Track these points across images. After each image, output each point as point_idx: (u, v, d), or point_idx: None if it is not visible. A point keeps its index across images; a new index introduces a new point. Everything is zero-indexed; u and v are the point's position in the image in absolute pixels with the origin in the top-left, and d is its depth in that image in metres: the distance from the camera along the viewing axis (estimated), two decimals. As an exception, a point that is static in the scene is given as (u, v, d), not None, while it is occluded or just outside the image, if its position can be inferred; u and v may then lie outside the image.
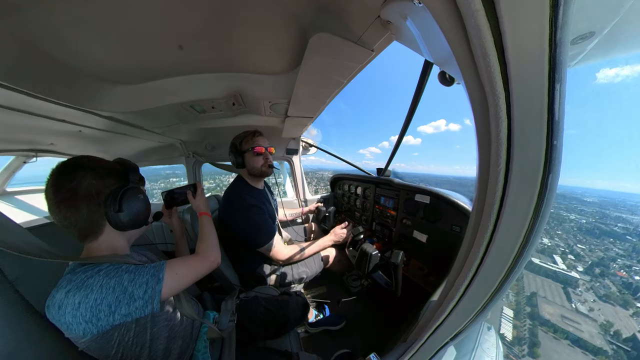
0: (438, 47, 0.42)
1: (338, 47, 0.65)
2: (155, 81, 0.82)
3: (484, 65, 0.29)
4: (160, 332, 0.56)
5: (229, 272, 1.09)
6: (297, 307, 0.95)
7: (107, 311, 0.44)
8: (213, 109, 1.16)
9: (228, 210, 1.08)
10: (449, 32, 0.32)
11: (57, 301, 0.43)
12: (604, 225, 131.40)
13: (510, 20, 0.23)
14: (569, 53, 0.23)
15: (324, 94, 1.02)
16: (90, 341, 0.45)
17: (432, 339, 0.54)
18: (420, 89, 1.00)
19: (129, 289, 0.46)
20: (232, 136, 1.18)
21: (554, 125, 0.26)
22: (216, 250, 0.73)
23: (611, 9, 0.31)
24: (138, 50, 0.65)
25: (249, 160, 1.11)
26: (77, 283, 0.44)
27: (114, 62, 0.68)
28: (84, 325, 0.43)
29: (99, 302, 0.43)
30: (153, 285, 0.49)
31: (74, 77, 0.68)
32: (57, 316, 0.43)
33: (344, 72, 0.81)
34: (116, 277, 0.46)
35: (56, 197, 0.46)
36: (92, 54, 0.62)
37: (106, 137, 1.30)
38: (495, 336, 0.80)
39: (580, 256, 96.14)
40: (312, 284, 1.60)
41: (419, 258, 1.07)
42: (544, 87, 0.25)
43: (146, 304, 0.48)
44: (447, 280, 0.51)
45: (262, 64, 0.83)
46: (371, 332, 1.26)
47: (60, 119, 0.93)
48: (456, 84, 0.59)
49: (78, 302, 0.42)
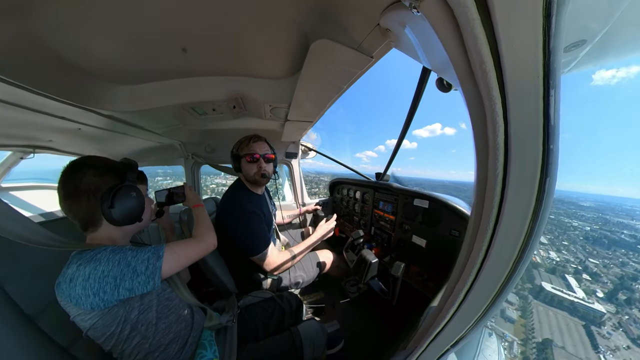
0: (436, 55, 0.44)
1: (338, 53, 0.66)
2: (157, 82, 0.83)
3: (481, 72, 0.29)
4: (164, 312, 0.59)
5: (225, 276, 1.07)
6: (291, 300, 1.01)
7: (113, 284, 0.48)
8: (214, 111, 1.16)
9: (225, 215, 1.07)
10: (446, 40, 0.33)
11: (69, 275, 0.47)
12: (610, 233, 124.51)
13: (505, 29, 0.24)
14: (562, 60, 0.24)
15: (324, 99, 1.03)
16: (97, 316, 0.48)
17: (432, 346, 0.53)
18: (419, 95, 1.02)
19: (132, 264, 0.51)
20: (231, 139, 1.18)
21: (550, 130, 0.27)
22: (212, 233, 0.77)
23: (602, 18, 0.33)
24: (142, 51, 0.66)
25: (244, 167, 1.09)
26: (87, 257, 0.49)
27: (117, 62, 0.69)
28: (92, 298, 0.46)
29: (106, 274, 0.48)
30: (154, 262, 0.54)
31: (76, 75, 0.69)
32: (68, 290, 0.47)
33: (343, 78, 0.83)
34: (121, 253, 0.51)
35: (63, 190, 0.52)
36: (95, 53, 0.63)
37: (105, 135, 1.30)
38: (496, 342, 0.79)
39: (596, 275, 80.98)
40: (309, 289, 1.57)
41: (418, 263, 1.06)
42: (540, 92, 0.26)
43: (148, 279, 0.52)
44: (447, 286, 0.50)
45: (263, 68, 0.84)
46: (369, 339, 1.23)
47: (60, 116, 0.93)
48: (453, 90, 0.61)
49: (88, 273, 0.47)
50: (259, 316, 0.90)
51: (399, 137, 1.35)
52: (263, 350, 0.76)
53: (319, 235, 1.23)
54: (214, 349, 0.67)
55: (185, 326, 0.65)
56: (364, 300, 1.43)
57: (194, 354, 0.64)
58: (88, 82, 0.73)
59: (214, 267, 1.02)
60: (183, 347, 0.63)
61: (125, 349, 0.53)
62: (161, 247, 0.58)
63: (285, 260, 1.09)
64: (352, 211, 1.71)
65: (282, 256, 1.10)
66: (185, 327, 0.65)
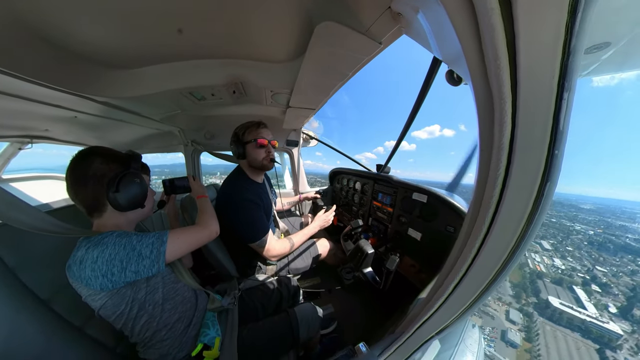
0: (448, 45, 0.41)
1: (345, 38, 0.62)
2: (152, 66, 0.80)
3: (494, 67, 0.28)
4: (170, 294, 0.63)
5: (226, 261, 1.11)
6: (289, 284, 1.07)
7: (120, 267, 0.51)
8: (213, 96, 1.13)
9: (224, 202, 1.08)
10: (461, 30, 0.31)
11: (79, 257, 0.50)
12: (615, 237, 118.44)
13: (525, 22, 0.22)
14: (581, 62, 0.22)
15: (328, 86, 0.99)
16: (106, 297, 0.51)
17: (418, 332, 0.56)
18: (427, 86, 0.98)
19: (137, 248, 0.54)
20: (231, 125, 1.15)
21: (558, 134, 0.26)
22: (214, 221, 0.80)
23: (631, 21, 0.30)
24: (134, 32, 0.62)
25: (251, 152, 1.08)
26: (95, 241, 0.51)
27: (109, 45, 0.66)
28: (101, 279, 0.49)
29: (113, 256, 0.50)
30: (158, 246, 0.57)
31: (68, 60, 0.66)
32: (78, 272, 0.49)
33: (349, 64, 0.79)
34: (126, 238, 0.54)
35: (71, 176, 0.55)
36: (86, 36, 0.60)
37: (102, 123, 1.27)
38: (478, 334, 0.84)
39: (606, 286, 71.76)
40: (306, 275, 1.64)
41: (411, 255, 1.09)
42: (552, 94, 0.25)
43: (153, 263, 0.55)
44: (438, 278, 0.52)
45: (265, 51, 0.80)
46: (361, 323, 1.31)
47: (55, 104, 0.91)
48: (463, 84, 0.58)
49: (96, 256, 0.49)
50: (258, 298, 0.95)
51: (403, 128, 1.32)
52: (262, 330, 0.81)
53: (317, 224, 1.25)
54: (216, 327, 0.72)
55: (190, 307, 0.69)
56: (358, 287, 1.50)
57: (199, 333, 0.69)
58: (80, 67, 0.70)
59: (216, 252, 1.05)
60: (188, 326, 0.67)
61: (134, 326, 0.56)
62: (165, 233, 0.60)
63: (283, 247, 1.12)
64: (351, 201, 1.73)
65: (280, 244, 1.13)
66: (190, 307, 0.69)
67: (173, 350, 0.62)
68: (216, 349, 0.67)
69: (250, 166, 1.13)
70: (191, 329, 0.67)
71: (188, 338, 0.66)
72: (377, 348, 0.62)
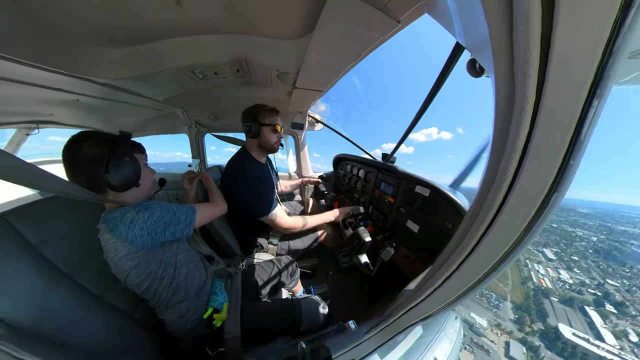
0: (475, 29, 0.37)
1: (360, 13, 0.56)
2: (151, 43, 0.75)
3: (523, 60, 0.25)
4: (185, 260, 0.73)
5: (230, 238, 1.17)
6: (288, 264, 1.15)
7: (162, 227, 0.61)
8: (216, 75, 1.08)
9: (231, 181, 1.11)
10: (491, 12, 0.27)
11: (129, 219, 0.58)
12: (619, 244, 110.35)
13: (567, 12, 0.19)
14: (621, 67, 0.20)
15: (338, 66, 0.93)
16: (142, 256, 0.59)
17: (405, 317, 0.60)
18: (446, 73, 0.90)
19: (177, 214, 0.67)
20: (236, 107, 1.14)
21: (577, 144, 0.24)
22: (223, 199, 0.99)
23: None
24: (130, 6, 0.57)
25: (266, 134, 1.12)
26: (142, 206, 0.61)
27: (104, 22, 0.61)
28: (145, 237, 0.58)
29: (160, 218, 0.61)
30: (191, 214, 0.71)
31: (64, 40, 0.62)
32: (126, 231, 0.57)
33: (363, 43, 0.72)
34: (168, 205, 0.66)
35: (66, 162, 0.57)
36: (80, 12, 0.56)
37: (105, 105, 1.26)
38: (459, 325, 0.89)
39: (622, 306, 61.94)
40: (305, 256, 1.72)
41: (407, 246, 1.12)
42: (581, 99, 0.22)
43: (185, 227, 0.68)
44: (429, 270, 0.54)
45: (271, 25, 0.73)
46: (352, 304, 1.40)
47: (56, 87, 0.89)
48: (485, 76, 0.53)
49: (147, 217, 0.59)
50: (259, 275, 1.03)
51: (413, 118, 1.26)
52: (264, 310, 0.90)
53: (337, 214, 1.32)
54: (224, 295, 0.82)
55: (200, 275, 0.78)
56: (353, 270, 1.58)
57: (209, 299, 0.77)
58: (77, 47, 0.66)
59: (221, 230, 1.11)
60: (200, 292, 0.75)
61: (158, 287, 0.64)
62: (192, 206, 0.74)
63: (295, 222, 1.19)
64: (353, 188, 1.73)
65: (293, 219, 1.19)
66: (200, 275, 0.78)
67: (189, 312, 0.70)
68: (224, 312, 0.76)
69: (259, 146, 1.16)
70: (202, 295, 0.76)
71: (200, 302, 0.74)
72: (365, 326, 0.67)
